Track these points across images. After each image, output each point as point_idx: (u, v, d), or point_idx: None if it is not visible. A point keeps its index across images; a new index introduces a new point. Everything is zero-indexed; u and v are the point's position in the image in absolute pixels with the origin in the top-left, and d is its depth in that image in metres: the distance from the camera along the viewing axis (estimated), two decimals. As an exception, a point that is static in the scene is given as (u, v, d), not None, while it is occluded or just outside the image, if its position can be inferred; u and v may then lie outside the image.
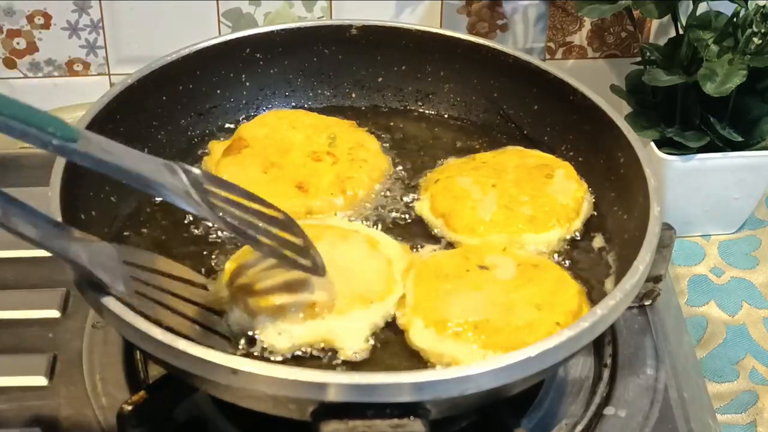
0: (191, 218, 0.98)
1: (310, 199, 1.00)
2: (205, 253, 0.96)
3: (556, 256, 0.97)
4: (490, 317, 0.86)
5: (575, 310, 0.87)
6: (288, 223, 0.86)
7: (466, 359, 0.84)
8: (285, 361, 0.85)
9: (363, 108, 1.16)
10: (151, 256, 0.88)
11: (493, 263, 0.92)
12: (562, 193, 1.00)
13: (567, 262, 0.96)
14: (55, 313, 1.04)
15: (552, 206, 0.98)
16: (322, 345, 0.86)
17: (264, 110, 1.13)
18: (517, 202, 0.98)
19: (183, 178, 0.79)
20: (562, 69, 1.10)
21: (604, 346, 1.00)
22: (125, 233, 0.97)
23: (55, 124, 0.72)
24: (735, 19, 1.16)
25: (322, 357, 0.86)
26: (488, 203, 0.98)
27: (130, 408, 0.85)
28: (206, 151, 1.08)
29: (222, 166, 1.03)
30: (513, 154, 1.06)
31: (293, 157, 1.04)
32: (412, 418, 0.74)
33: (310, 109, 1.14)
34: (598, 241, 0.99)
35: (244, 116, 1.12)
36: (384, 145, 1.09)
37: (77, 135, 0.73)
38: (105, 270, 0.79)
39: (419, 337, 0.86)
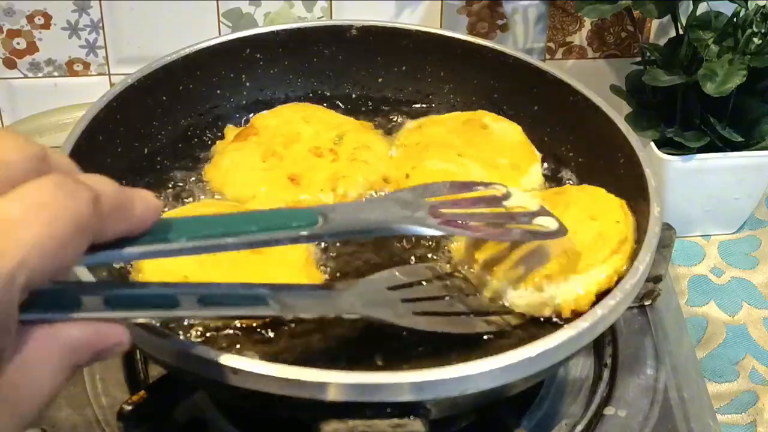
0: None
1: (300, 193, 0.99)
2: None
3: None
4: (565, 248, 0.87)
5: (621, 210, 0.91)
6: (507, 194, 0.86)
7: (556, 295, 0.86)
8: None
9: (363, 108, 1.16)
10: (411, 269, 0.90)
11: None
12: (504, 135, 1.05)
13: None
14: (55, 313, 1.04)
15: (510, 146, 1.04)
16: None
17: (263, 110, 1.13)
18: (491, 160, 1.01)
19: (415, 211, 0.78)
20: (562, 69, 1.10)
21: (604, 346, 1.00)
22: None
23: (296, 217, 0.70)
24: (735, 19, 1.16)
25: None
26: (470, 170, 1.00)
27: (130, 408, 0.85)
28: (214, 143, 1.08)
29: (227, 151, 1.04)
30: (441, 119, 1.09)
31: (296, 149, 1.04)
32: (412, 417, 0.74)
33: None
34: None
35: (244, 116, 1.12)
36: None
37: (315, 217, 0.71)
38: (381, 307, 0.81)
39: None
